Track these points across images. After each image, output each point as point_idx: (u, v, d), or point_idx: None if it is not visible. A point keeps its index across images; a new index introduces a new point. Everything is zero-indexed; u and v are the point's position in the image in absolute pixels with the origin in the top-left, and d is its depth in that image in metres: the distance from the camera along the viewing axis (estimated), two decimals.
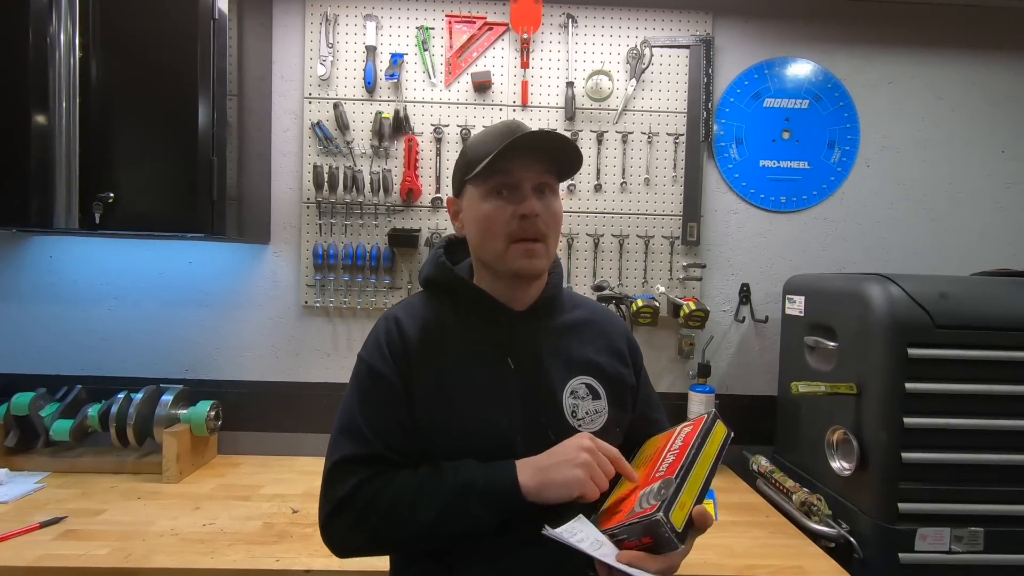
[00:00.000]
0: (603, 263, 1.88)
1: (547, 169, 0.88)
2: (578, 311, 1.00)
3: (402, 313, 0.92)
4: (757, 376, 1.94)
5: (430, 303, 0.94)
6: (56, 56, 1.45)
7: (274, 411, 1.83)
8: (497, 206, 0.87)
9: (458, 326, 0.91)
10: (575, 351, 0.94)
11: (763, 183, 1.92)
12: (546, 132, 0.84)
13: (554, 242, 0.91)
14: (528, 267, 0.88)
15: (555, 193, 0.91)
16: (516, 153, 0.85)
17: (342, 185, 1.81)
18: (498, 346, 0.91)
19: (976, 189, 1.96)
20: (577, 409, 0.90)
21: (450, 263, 0.95)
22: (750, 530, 1.42)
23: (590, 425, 0.90)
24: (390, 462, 0.84)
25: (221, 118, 1.52)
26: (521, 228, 0.86)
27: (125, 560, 1.17)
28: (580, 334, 0.97)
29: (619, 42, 1.86)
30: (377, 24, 1.81)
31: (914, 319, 1.33)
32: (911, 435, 1.31)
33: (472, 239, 0.92)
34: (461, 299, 0.93)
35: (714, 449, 0.83)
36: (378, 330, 0.91)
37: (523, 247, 0.87)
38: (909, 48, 1.93)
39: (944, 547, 1.33)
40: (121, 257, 1.82)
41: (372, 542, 0.83)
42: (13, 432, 1.64)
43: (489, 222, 0.87)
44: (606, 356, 0.97)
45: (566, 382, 0.91)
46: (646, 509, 0.73)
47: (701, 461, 0.80)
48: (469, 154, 0.90)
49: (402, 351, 0.88)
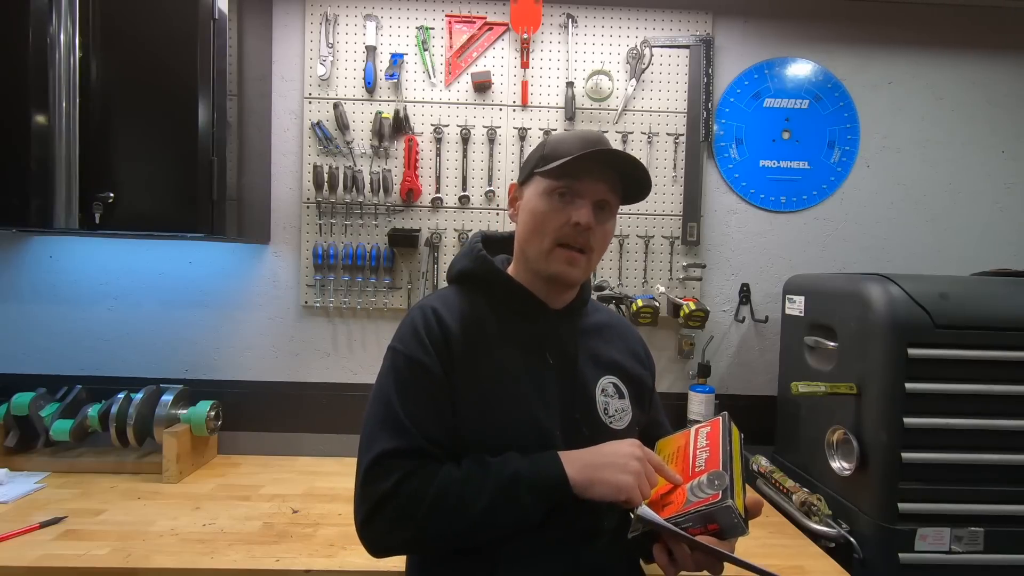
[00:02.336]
0: (603, 263, 1.88)
1: (613, 188, 0.90)
2: (599, 315, 1.04)
3: (439, 303, 0.91)
4: (757, 376, 1.94)
5: (465, 296, 0.94)
6: (56, 56, 1.45)
7: (274, 411, 1.83)
8: (555, 206, 0.88)
9: (496, 320, 0.91)
10: (603, 351, 0.97)
11: (763, 183, 1.92)
12: (627, 155, 0.87)
13: (596, 258, 0.93)
14: (566, 274, 0.89)
15: (612, 214, 0.92)
16: (591, 164, 0.86)
17: (342, 185, 1.81)
18: (538, 341, 0.92)
19: (976, 189, 1.96)
20: (608, 407, 0.93)
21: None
22: (750, 530, 1.42)
23: (619, 423, 0.93)
24: (431, 456, 0.83)
25: (221, 118, 1.52)
26: (571, 235, 0.87)
27: (125, 560, 1.17)
28: (605, 336, 1.00)
29: (619, 42, 1.86)
30: (377, 24, 1.81)
31: (914, 319, 1.33)
32: (911, 435, 1.31)
33: (521, 230, 0.93)
34: (498, 293, 0.94)
35: (738, 448, 0.86)
36: (415, 321, 0.89)
37: (567, 253, 0.88)
38: (909, 48, 1.93)
39: (944, 547, 1.33)
40: (121, 257, 1.82)
41: (416, 537, 0.80)
42: (13, 432, 1.64)
43: (543, 219, 0.88)
44: (629, 358, 1.01)
45: (598, 380, 0.94)
46: (706, 498, 0.76)
47: (735, 456, 0.84)
48: (548, 148, 0.91)
49: (443, 341, 0.86)
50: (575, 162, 0.84)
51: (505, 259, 1.01)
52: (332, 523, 1.37)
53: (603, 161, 0.87)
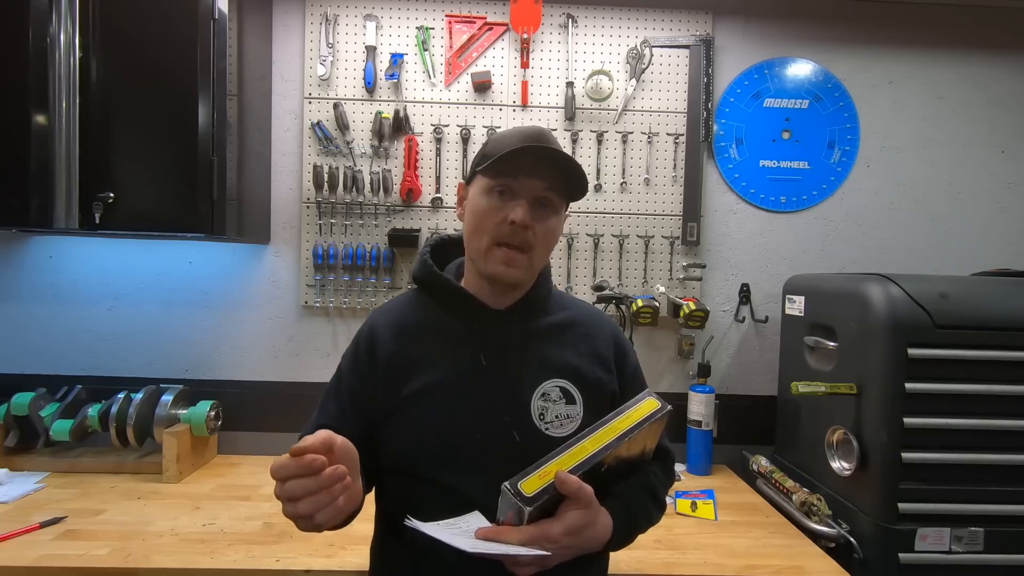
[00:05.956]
0: (603, 263, 1.88)
1: (552, 186, 0.88)
2: (563, 313, 0.99)
3: (381, 318, 0.97)
4: (757, 376, 1.94)
5: (417, 300, 0.98)
6: (56, 56, 1.45)
7: (274, 411, 1.83)
8: (492, 205, 0.87)
9: (436, 323, 0.94)
10: (553, 354, 0.94)
11: (763, 183, 1.92)
12: (556, 150, 0.86)
13: (540, 257, 0.91)
14: (502, 274, 0.88)
15: (555, 211, 0.90)
16: (526, 160, 0.85)
17: (342, 185, 1.81)
18: (469, 343, 0.92)
19: (976, 189, 1.96)
20: (546, 412, 0.89)
21: (437, 262, 0.98)
22: (750, 530, 1.42)
23: (559, 429, 0.89)
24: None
25: (221, 118, 1.52)
26: (508, 233, 0.86)
27: (125, 560, 1.17)
28: (562, 337, 0.96)
29: (619, 42, 1.86)
30: (377, 24, 1.81)
31: (914, 319, 1.33)
32: (911, 435, 1.31)
33: (465, 229, 0.94)
34: (441, 296, 0.95)
35: (628, 422, 0.84)
36: (357, 339, 0.97)
37: (504, 253, 0.87)
38: (909, 48, 1.93)
39: (944, 547, 1.33)
40: (121, 257, 1.82)
41: None
42: (13, 432, 1.64)
43: (482, 218, 0.88)
44: (587, 361, 0.95)
45: (538, 383, 0.91)
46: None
47: (598, 435, 0.82)
48: (489, 146, 0.91)
49: (369, 364, 0.93)
50: (509, 159, 0.84)
51: (461, 262, 1.01)
52: None
53: (538, 157, 0.86)
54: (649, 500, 0.94)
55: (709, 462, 1.79)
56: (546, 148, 0.85)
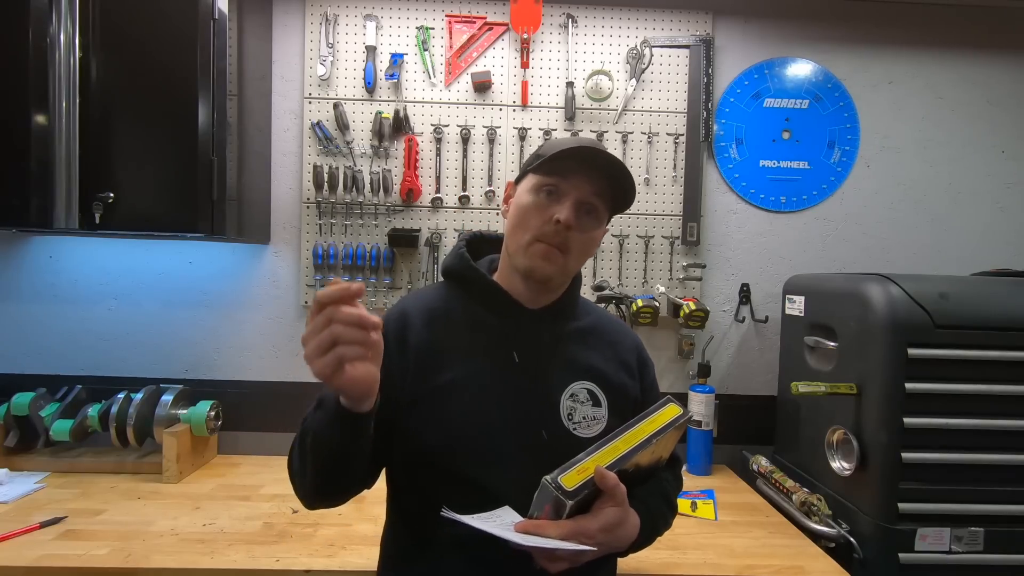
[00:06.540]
0: (603, 263, 1.88)
1: (598, 192, 0.89)
2: (588, 319, 1.02)
3: (413, 305, 0.95)
4: (757, 376, 1.94)
5: (448, 292, 0.97)
6: (56, 56, 1.45)
7: (274, 411, 1.83)
8: (539, 202, 0.89)
9: (470, 317, 0.93)
10: (581, 356, 0.96)
11: (763, 183, 1.92)
12: (608, 154, 0.87)
13: (575, 262, 0.92)
14: (539, 267, 0.89)
15: (598, 220, 0.92)
16: (580, 166, 0.87)
17: (342, 185, 1.81)
18: (504, 339, 0.92)
19: (976, 189, 1.96)
20: (574, 412, 0.91)
21: (472, 256, 0.98)
22: (750, 530, 1.42)
23: (586, 430, 0.91)
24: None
25: (221, 118, 1.52)
26: (550, 232, 0.87)
27: (125, 560, 1.17)
28: (589, 340, 0.98)
29: (619, 42, 1.86)
30: (377, 24, 1.81)
31: (914, 319, 1.33)
32: (911, 435, 1.31)
33: (508, 224, 0.94)
34: (475, 290, 0.95)
35: (654, 426, 0.85)
36: (387, 323, 0.91)
37: (544, 248, 0.88)
38: (909, 48, 1.93)
39: (944, 547, 1.33)
40: (121, 257, 1.82)
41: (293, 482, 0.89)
42: (13, 432, 1.64)
43: (527, 214, 0.89)
44: (613, 366, 0.98)
45: (567, 384, 0.92)
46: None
47: (628, 436, 0.83)
48: (542, 148, 0.93)
49: (399, 350, 0.89)
50: (564, 157, 0.86)
51: (493, 259, 1.02)
52: (332, 523, 1.37)
53: (591, 163, 0.87)
54: (664, 504, 0.97)
55: (709, 462, 1.79)
56: (599, 151, 0.87)
